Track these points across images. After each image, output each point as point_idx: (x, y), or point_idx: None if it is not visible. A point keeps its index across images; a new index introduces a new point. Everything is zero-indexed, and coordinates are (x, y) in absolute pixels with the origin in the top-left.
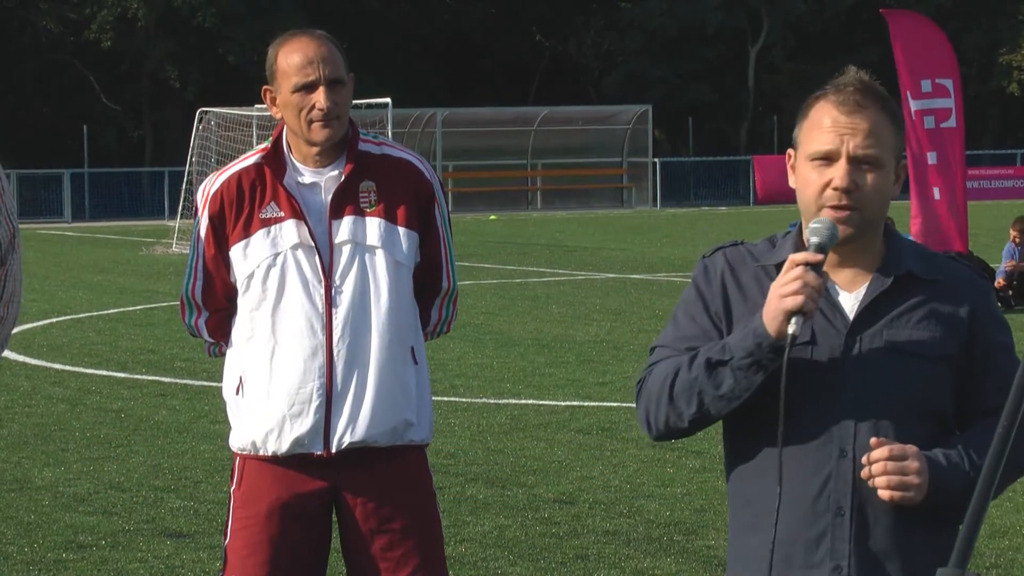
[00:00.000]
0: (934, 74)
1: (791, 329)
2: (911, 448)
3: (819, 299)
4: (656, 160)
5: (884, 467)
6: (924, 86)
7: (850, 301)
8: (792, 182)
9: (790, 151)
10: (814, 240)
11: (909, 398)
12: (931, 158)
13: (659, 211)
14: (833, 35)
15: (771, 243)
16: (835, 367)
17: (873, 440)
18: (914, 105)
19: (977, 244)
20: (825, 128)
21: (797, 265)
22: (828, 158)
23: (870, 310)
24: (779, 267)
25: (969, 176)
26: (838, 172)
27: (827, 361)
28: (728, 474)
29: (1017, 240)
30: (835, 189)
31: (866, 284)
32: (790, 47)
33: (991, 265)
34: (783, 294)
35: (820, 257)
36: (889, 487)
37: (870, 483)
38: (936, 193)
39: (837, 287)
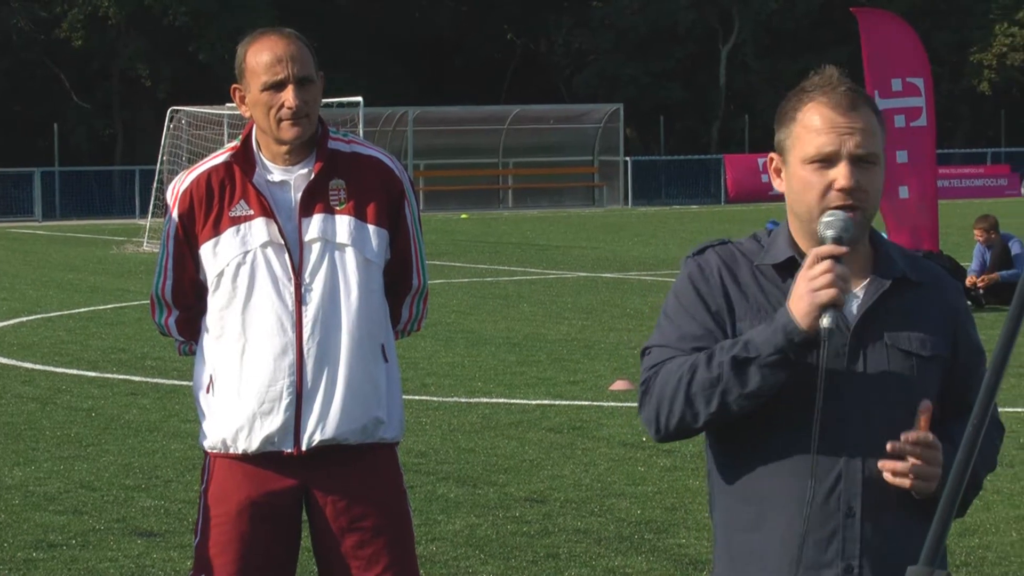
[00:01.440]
0: (905, 73)
1: (825, 323)
2: (932, 436)
3: (848, 291)
4: (627, 159)
5: (918, 453)
6: (894, 85)
7: (851, 301)
8: (779, 186)
9: (773, 155)
10: (830, 233)
11: (911, 398)
12: (901, 157)
13: (630, 210)
14: (804, 34)
15: (757, 241)
16: (840, 368)
17: (907, 435)
18: (883, 104)
19: (947, 243)
20: (821, 130)
21: (823, 259)
22: (828, 160)
23: (872, 311)
24: (777, 267)
25: (940, 175)
26: (841, 173)
27: (832, 362)
28: (719, 472)
29: (982, 239)
30: (840, 190)
31: (863, 285)
32: (761, 46)
33: (961, 264)
34: (815, 288)
35: (844, 249)
36: (911, 476)
37: (886, 476)
38: (905, 192)
39: None
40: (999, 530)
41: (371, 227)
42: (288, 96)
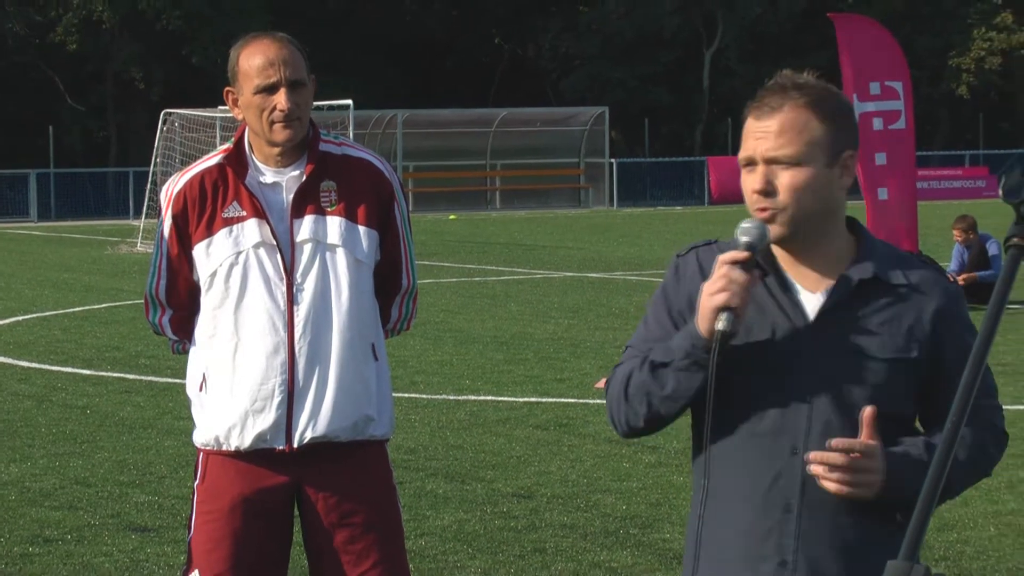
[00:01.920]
0: (883, 76)
1: (719, 326)
2: (869, 444)
3: (746, 295)
4: (613, 161)
5: (837, 459)
6: (872, 88)
7: (813, 301)
8: None
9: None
10: (743, 239)
11: (862, 400)
12: (880, 159)
13: (616, 211)
14: (786, 39)
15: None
16: (792, 366)
17: (834, 441)
18: (861, 107)
19: (927, 244)
20: (746, 135)
21: (725, 264)
22: (750, 163)
23: (831, 312)
24: (764, 272)
25: (919, 177)
26: (756, 175)
27: (785, 360)
28: (692, 463)
29: (961, 239)
30: (754, 192)
31: (830, 285)
32: (745, 50)
33: (940, 264)
34: (710, 292)
35: (746, 255)
36: (840, 483)
37: (817, 479)
38: (884, 193)
39: (800, 287)
40: (977, 525)
41: (361, 228)
42: (280, 99)
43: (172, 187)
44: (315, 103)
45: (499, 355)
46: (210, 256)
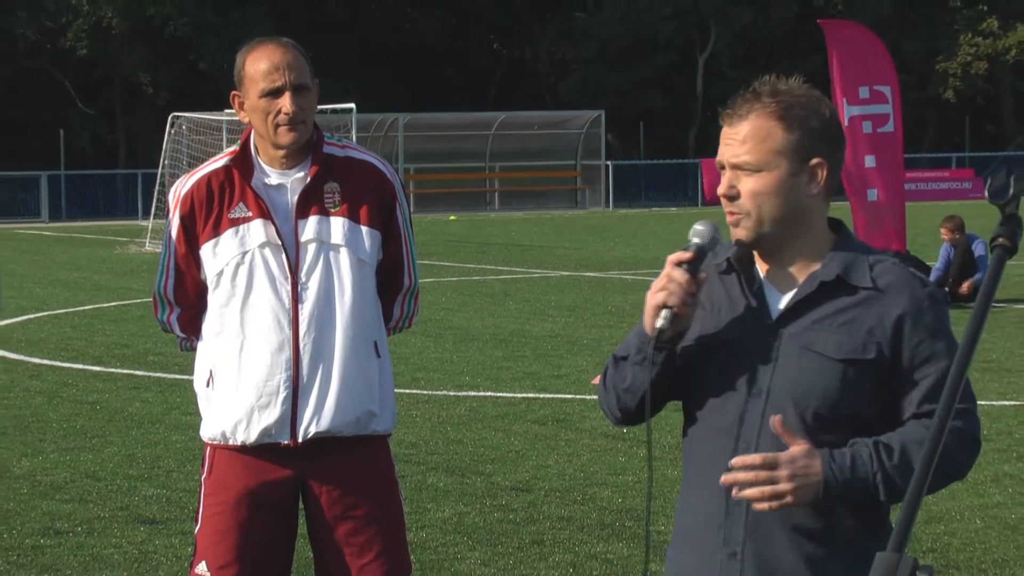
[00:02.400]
0: (872, 81)
1: (658, 323)
2: (793, 451)
3: (685, 295)
4: (609, 163)
5: (754, 477)
6: (862, 92)
7: (781, 301)
8: None
9: None
10: (694, 240)
11: (817, 399)
12: (869, 161)
13: (611, 212)
14: (778, 44)
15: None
16: (753, 363)
17: (734, 460)
18: (850, 111)
19: (915, 244)
20: (720, 140)
21: (670, 263)
22: (721, 168)
23: (794, 312)
24: (719, 267)
25: (907, 178)
26: (723, 180)
27: (748, 357)
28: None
29: (948, 238)
30: (720, 196)
31: (798, 285)
32: (737, 56)
33: (927, 263)
34: (653, 290)
35: (690, 255)
36: (762, 497)
37: (734, 493)
38: (873, 194)
39: (772, 286)
40: (964, 518)
41: (364, 228)
42: (285, 102)
43: (180, 189)
44: (319, 107)
45: (498, 352)
46: (217, 256)
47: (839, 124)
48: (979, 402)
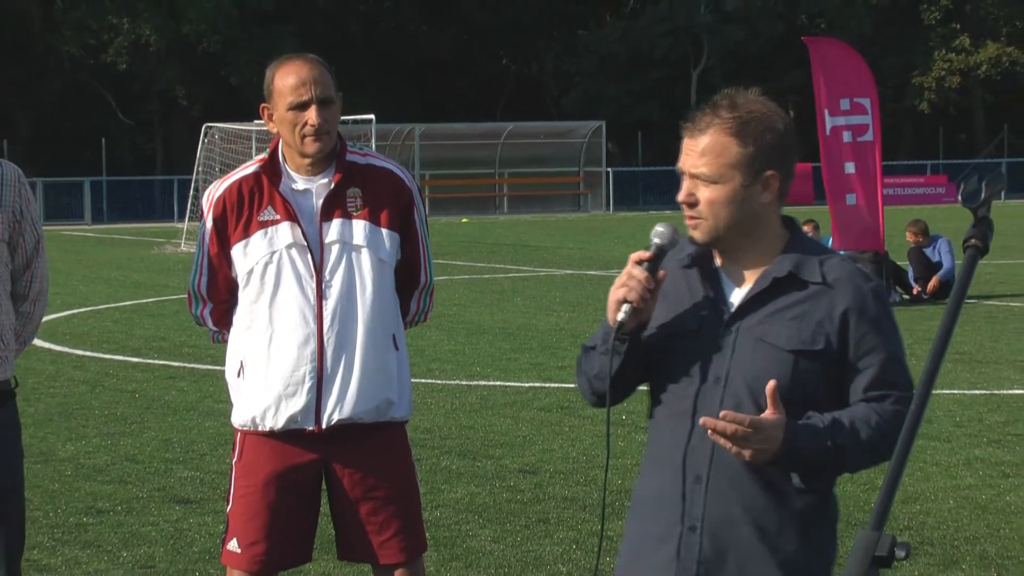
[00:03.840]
0: (852, 93)
1: (620, 317)
2: (758, 420)
3: (644, 291)
4: (609, 169)
5: (734, 430)
6: (843, 104)
7: (738, 296)
8: None
9: None
10: (655, 241)
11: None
12: (849, 168)
13: (612, 215)
14: (766, 59)
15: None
16: (711, 353)
17: (723, 414)
18: (833, 121)
19: (892, 244)
20: (682, 151)
21: (631, 261)
22: (683, 174)
23: (749, 306)
24: (682, 261)
25: (885, 184)
26: (684, 187)
27: (706, 347)
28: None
29: (913, 241)
30: (681, 202)
31: (753, 281)
32: (728, 70)
33: (900, 264)
34: (615, 286)
35: (649, 255)
36: (727, 447)
37: (703, 424)
38: (853, 199)
39: (729, 282)
40: (937, 498)
41: (384, 231)
42: (311, 115)
43: (213, 193)
44: (341, 117)
45: (507, 344)
46: (247, 255)
47: (793, 134)
48: (952, 391)
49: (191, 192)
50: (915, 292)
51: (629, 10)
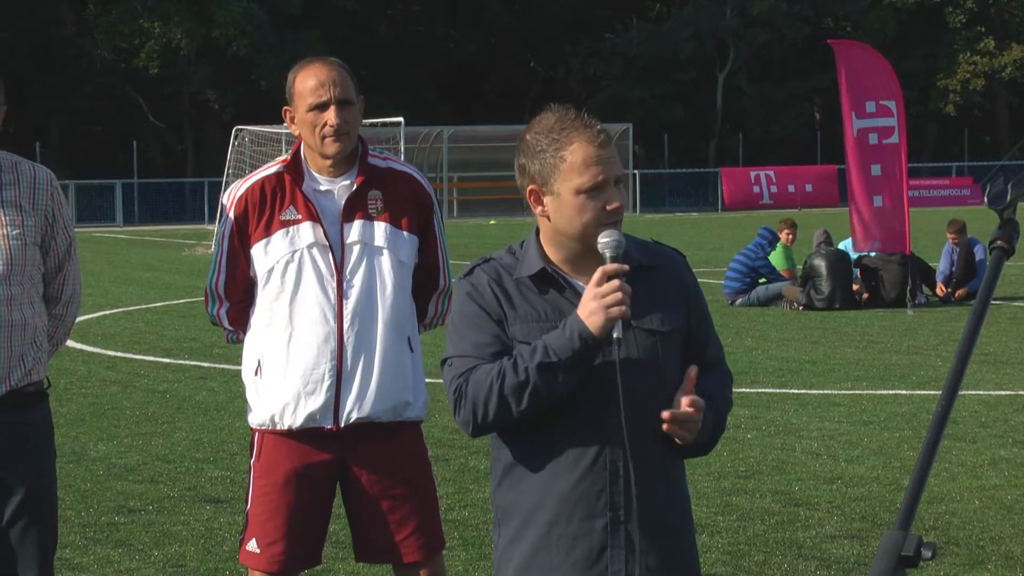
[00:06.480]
0: (878, 96)
1: (616, 334)
2: (699, 400)
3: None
4: (636, 171)
5: (695, 416)
6: (869, 107)
7: None
8: (540, 212)
9: (533, 187)
10: (611, 254)
11: (658, 372)
12: (875, 170)
13: (638, 216)
14: (791, 62)
15: (512, 255)
16: (606, 351)
17: (685, 399)
18: (858, 124)
19: (917, 246)
20: (592, 161)
21: (611, 277)
22: (604, 185)
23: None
24: (532, 278)
25: (911, 186)
26: (614, 195)
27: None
28: (512, 446)
29: (955, 241)
30: (614, 208)
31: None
32: (753, 72)
33: (931, 264)
34: (608, 304)
35: (627, 268)
36: (682, 433)
37: (666, 428)
38: (879, 201)
39: (580, 283)
40: (963, 498)
41: (404, 233)
42: (331, 115)
43: (235, 192)
44: (369, 120)
45: None
46: (268, 254)
47: None
48: (977, 391)
49: (221, 194)
50: (941, 293)
51: (655, 13)
